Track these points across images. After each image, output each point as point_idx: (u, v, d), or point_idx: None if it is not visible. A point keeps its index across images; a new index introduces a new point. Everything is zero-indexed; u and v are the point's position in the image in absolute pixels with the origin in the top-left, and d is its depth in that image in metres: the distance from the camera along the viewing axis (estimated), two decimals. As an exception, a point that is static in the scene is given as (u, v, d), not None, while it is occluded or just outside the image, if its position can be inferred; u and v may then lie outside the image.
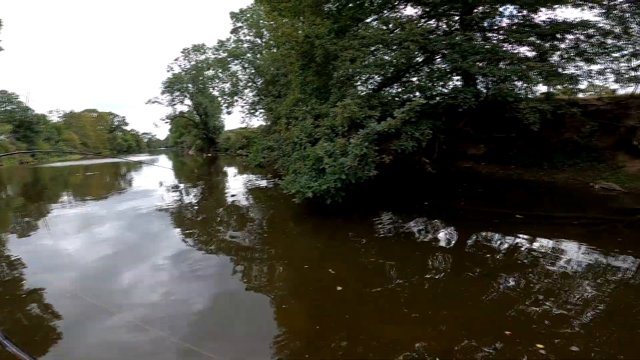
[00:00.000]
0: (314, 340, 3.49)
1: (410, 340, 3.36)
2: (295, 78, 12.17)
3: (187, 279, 5.02)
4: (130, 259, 5.80)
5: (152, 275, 5.12)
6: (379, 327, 3.62)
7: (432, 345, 3.29)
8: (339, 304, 4.15)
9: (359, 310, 3.95)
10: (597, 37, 10.42)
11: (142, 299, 4.38)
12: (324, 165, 6.84)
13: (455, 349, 3.21)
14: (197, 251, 6.14)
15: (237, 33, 31.46)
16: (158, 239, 6.91)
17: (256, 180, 15.56)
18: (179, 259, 5.72)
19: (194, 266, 5.42)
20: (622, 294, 4.26)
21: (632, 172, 10.28)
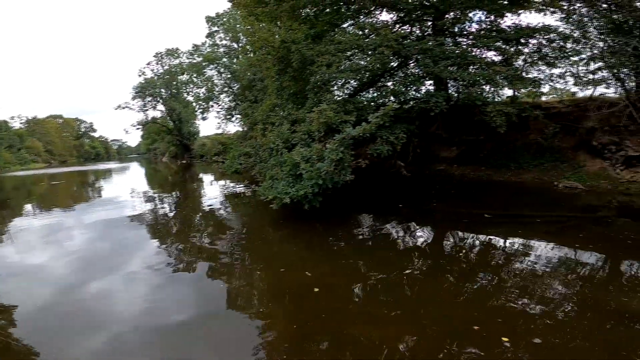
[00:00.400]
0: (299, 343, 3.49)
1: (392, 340, 3.42)
2: (272, 83, 12.14)
3: (164, 288, 4.88)
4: (101, 271, 5.58)
5: (126, 286, 4.95)
6: (362, 328, 3.66)
7: (413, 344, 3.36)
8: (321, 307, 4.17)
9: (342, 313, 3.99)
10: (558, 41, 11.05)
11: (117, 309, 4.23)
12: (300, 170, 6.86)
13: (436, 348, 3.30)
14: (174, 260, 5.98)
15: (213, 37, 31.05)
16: (131, 250, 6.68)
17: (233, 186, 15.35)
18: (154, 269, 5.55)
19: (171, 276, 5.28)
20: (587, 288, 4.53)
21: (592, 171, 10.94)
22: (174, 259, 6.04)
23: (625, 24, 10.06)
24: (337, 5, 12.05)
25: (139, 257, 6.13)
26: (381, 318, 3.83)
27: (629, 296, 4.11)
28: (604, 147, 10.76)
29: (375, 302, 4.27)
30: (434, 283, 4.72)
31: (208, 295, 4.70)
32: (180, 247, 6.72)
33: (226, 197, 12.90)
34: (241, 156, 11.19)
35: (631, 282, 4.60)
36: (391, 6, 12.12)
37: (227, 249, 6.48)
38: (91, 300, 4.54)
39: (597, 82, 11.19)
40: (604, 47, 10.64)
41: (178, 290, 4.81)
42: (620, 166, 10.37)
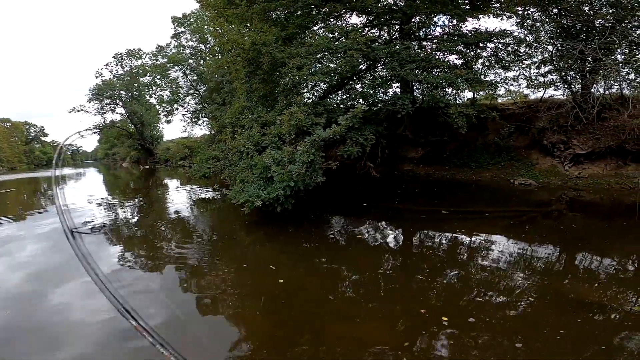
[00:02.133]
0: (277, 344, 3.49)
1: (369, 336, 3.51)
2: (241, 85, 11.97)
3: (128, 298, 4.66)
4: (58, 282, 5.23)
5: (86, 299, 4.67)
6: (339, 326, 3.72)
7: (388, 338, 3.47)
8: (297, 308, 4.19)
9: (318, 313, 4.03)
10: (513, 45, 11.86)
11: (76, 323, 3.99)
12: (272, 173, 6.83)
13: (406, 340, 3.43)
14: (138, 269, 5.73)
15: (179, 38, 30.07)
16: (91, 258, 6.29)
17: (202, 191, 14.92)
18: (116, 279, 5.29)
19: (135, 285, 5.05)
20: (543, 279, 4.88)
21: (544, 168, 11.82)
22: (138, 268, 5.79)
23: (573, 29, 10.97)
24: (308, 8, 12.15)
25: (99, 266, 5.81)
26: (356, 316, 3.92)
27: (583, 285, 4.50)
28: (553, 145, 11.66)
29: (349, 301, 4.36)
30: (401, 279, 4.93)
31: (179, 302, 4.53)
32: (145, 255, 6.44)
33: (194, 202, 12.51)
34: (209, 160, 10.92)
35: (585, 272, 5.03)
36: (361, 10, 12.43)
37: (197, 255, 6.29)
38: (48, 315, 4.25)
39: (547, 84, 12.14)
40: (553, 51, 11.55)
41: (144, 299, 4.61)
42: (568, 163, 11.29)
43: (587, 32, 10.67)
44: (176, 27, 30.08)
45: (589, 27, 10.66)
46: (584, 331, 3.50)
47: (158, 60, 32.79)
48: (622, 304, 4.00)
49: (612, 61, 10.17)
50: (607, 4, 10.29)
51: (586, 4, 10.51)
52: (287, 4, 11.65)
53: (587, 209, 9.08)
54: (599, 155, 10.94)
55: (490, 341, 3.36)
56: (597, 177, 10.76)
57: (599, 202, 9.52)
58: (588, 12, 10.52)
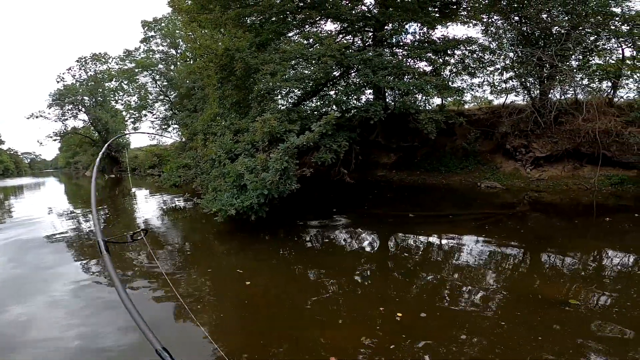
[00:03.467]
0: (256, 352, 3.42)
1: (350, 341, 3.51)
2: (213, 92, 11.76)
3: (96, 311, 4.42)
4: (17, 298, 4.86)
5: (49, 313, 4.38)
6: (319, 333, 3.70)
7: (366, 342, 3.49)
8: (275, 315, 4.14)
9: (296, 319, 4.00)
10: (478, 52, 12.44)
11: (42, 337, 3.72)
12: (245, 181, 6.73)
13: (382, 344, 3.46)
14: (105, 283, 5.44)
15: (149, 42, 29.12)
16: (53, 273, 5.92)
17: (172, 201, 14.44)
18: (81, 292, 5.00)
19: (103, 297, 4.80)
20: (508, 279, 5.10)
21: (508, 171, 12.43)
22: (106, 281, 5.50)
23: (532, 36, 11.64)
24: (283, 14, 12.18)
25: (62, 280, 5.47)
26: (334, 321, 3.93)
27: (547, 284, 4.73)
28: (515, 149, 12.29)
29: (326, 306, 4.35)
30: (387, 283, 5.00)
31: (152, 315, 4.35)
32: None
33: (165, 212, 12.08)
34: (180, 168, 10.60)
35: (551, 271, 5.30)
36: (335, 17, 12.63)
37: (169, 265, 6.07)
38: (8, 330, 3.94)
39: (509, 90, 12.83)
40: (514, 58, 12.21)
41: (113, 313, 4.38)
42: (530, 166, 11.93)
43: (545, 39, 11.32)
44: (146, 32, 29.17)
45: (546, 34, 11.32)
46: (537, 325, 3.68)
47: (125, 65, 31.55)
48: (584, 300, 4.25)
49: (567, 67, 10.90)
50: (563, 12, 10.96)
51: (544, 12, 11.15)
52: (262, 9, 11.63)
53: (548, 209, 9.63)
54: (557, 158, 11.66)
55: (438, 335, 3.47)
56: (556, 179, 11.44)
57: (559, 202, 10.12)
58: (546, 19, 11.18)
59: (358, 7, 13.16)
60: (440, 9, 13.41)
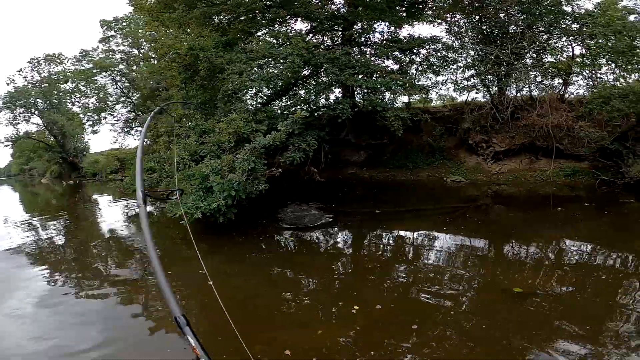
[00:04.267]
0: (233, 354, 3.33)
1: (328, 340, 3.53)
2: (177, 92, 11.41)
3: (64, 324, 4.17)
4: None
5: (12, 327, 4.09)
6: (295, 333, 3.70)
7: (340, 340, 3.52)
8: (250, 317, 4.08)
9: (271, 320, 3.97)
10: (442, 51, 12.84)
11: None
12: (211, 183, 6.57)
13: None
14: (72, 293, 5.11)
15: (108, 42, 27.59)
16: (13, 285, 5.51)
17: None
18: (46, 305, 4.69)
19: (71, 309, 4.53)
20: (475, 269, 5.31)
21: (470, 166, 12.96)
22: (73, 291, 5.17)
23: (491, 35, 12.17)
24: (252, 13, 11.98)
25: (23, 293, 5.10)
26: (309, 321, 3.96)
27: (513, 274, 4.95)
28: (477, 145, 12.85)
29: (302, 306, 4.35)
30: (360, 280, 5.09)
31: (122, 325, 4.16)
32: (78, 278, 5.77)
33: (129, 218, 11.56)
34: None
35: (515, 261, 5.55)
36: (305, 16, 12.60)
37: (138, 273, 5.82)
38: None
39: (470, 87, 13.33)
40: (474, 56, 12.72)
41: (82, 325, 4.14)
42: (490, 160, 12.51)
43: (503, 38, 11.87)
44: (105, 31, 27.65)
45: (504, 33, 11.87)
46: (499, 312, 3.87)
47: (82, 65, 29.75)
48: (544, 288, 4.50)
49: (522, 65, 11.50)
50: (519, 11, 11.53)
51: (502, 11, 11.69)
52: (230, 9, 11.38)
53: (509, 201, 10.15)
54: (515, 152, 12.31)
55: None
56: (515, 172, 12.08)
57: (518, 194, 10.69)
58: (503, 18, 11.74)
59: (328, 5, 13.23)
60: (407, 9, 13.76)
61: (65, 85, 33.57)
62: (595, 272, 4.90)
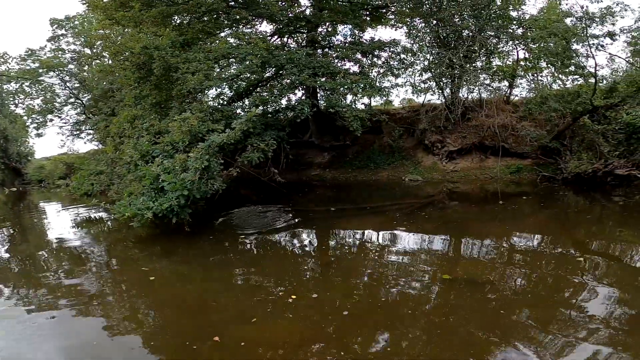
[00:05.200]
0: (189, 353, 3.31)
1: (296, 336, 3.57)
2: (130, 92, 10.94)
3: (11, 337, 3.83)
4: None
5: None
6: (246, 330, 3.67)
7: (296, 337, 3.55)
8: (214, 321, 3.99)
9: (236, 323, 3.91)
10: (401, 54, 13.26)
11: None
12: (162, 183, 6.36)
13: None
14: (20, 306, 4.71)
15: (58, 41, 25.74)
16: None
17: (87, 212, 13.02)
18: None
19: (21, 324, 4.17)
20: (436, 263, 5.53)
21: (427, 165, 13.51)
22: (22, 305, 4.75)
23: (447, 39, 12.76)
24: (215, 13, 11.75)
25: None
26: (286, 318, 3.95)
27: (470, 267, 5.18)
28: (432, 144, 13.43)
29: (258, 304, 4.32)
30: (324, 277, 5.17)
31: (77, 336, 3.90)
32: (26, 291, 5.30)
33: (79, 225, 10.86)
34: (92, 175, 9.62)
35: (471, 254, 5.81)
36: (269, 17, 12.54)
37: (91, 281, 5.48)
38: None
39: (426, 90, 13.91)
40: (431, 59, 13.28)
41: (33, 337, 3.84)
42: (445, 160, 13.12)
43: (456, 42, 12.46)
44: (55, 30, 25.82)
45: (457, 37, 12.46)
46: (453, 303, 4.08)
47: (28, 65, 27.59)
48: (499, 279, 4.74)
49: (473, 68, 12.17)
50: (472, 16, 12.14)
51: (457, 15, 12.29)
52: (190, 8, 11.10)
53: (462, 198, 10.69)
54: (467, 151, 13.01)
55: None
56: (467, 170, 12.75)
57: (471, 191, 11.29)
58: (458, 22, 12.36)
59: (293, 7, 13.28)
60: (370, 13, 14.13)
61: (8, 85, 30.96)
62: (542, 259, 5.28)
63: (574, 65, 10.76)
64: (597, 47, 10.31)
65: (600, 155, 10.29)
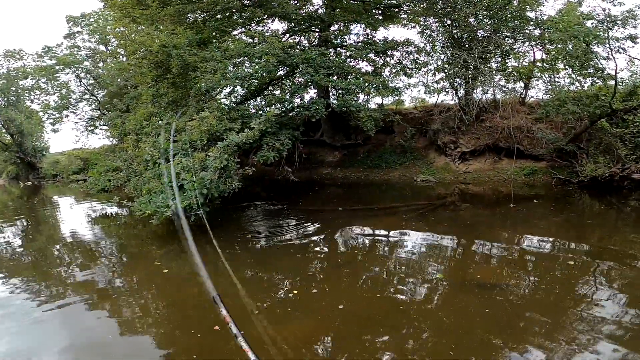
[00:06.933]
0: (207, 352, 3.38)
1: (309, 337, 3.62)
2: (147, 90, 11.09)
3: (33, 329, 3.97)
4: None
5: None
6: (276, 331, 3.70)
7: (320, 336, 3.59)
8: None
9: (248, 318, 3.95)
10: (414, 54, 13.18)
11: None
12: (181, 181, 6.46)
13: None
14: (32, 299, 4.84)
15: (74, 38, 26.12)
16: None
17: (102, 208, 13.26)
18: (4, 311, 4.43)
19: (40, 317, 4.30)
20: (444, 265, 5.54)
21: (439, 165, 13.45)
22: (34, 297, 4.90)
23: (461, 39, 12.63)
24: (229, 11, 11.81)
25: None
26: (286, 317, 4.01)
27: (480, 269, 5.20)
28: (445, 145, 13.36)
29: (278, 304, 4.39)
30: (339, 277, 5.18)
31: (87, 330, 4.02)
32: (40, 284, 5.46)
33: (94, 220, 11.08)
34: (109, 172, 9.78)
35: (481, 257, 5.82)
36: (282, 16, 12.57)
37: (105, 276, 5.61)
38: None
39: (440, 90, 13.79)
40: (444, 59, 13.17)
41: (43, 331, 3.96)
42: (457, 161, 13.05)
43: (471, 42, 12.31)
44: (71, 27, 26.21)
45: (472, 37, 12.29)
46: (469, 307, 4.09)
47: (44, 61, 28.03)
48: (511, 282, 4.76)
49: (488, 69, 12.04)
50: (487, 16, 11.95)
51: (472, 16, 12.11)
52: (206, 6, 11.19)
53: (474, 199, 10.63)
54: (480, 152, 12.91)
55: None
56: (480, 171, 12.66)
57: (483, 193, 11.22)
58: (472, 23, 12.21)
59: (306, 6, 13.28)
60: (383, 12, 14.06)
61: (24, 81, 31.52)
62: (554, 263, 5.26)
63: (593, 67, 10.56)
64: (618, 49, 10.11)
65: (618, 159, 10.12)
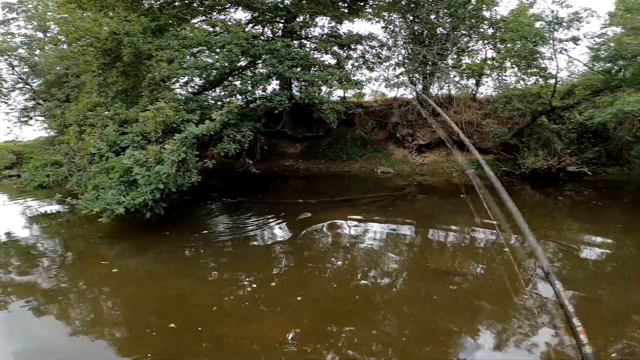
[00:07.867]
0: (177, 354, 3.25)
1: (275, 333, 3.58)
2: (93, 79, 10.15)
3: None
4: None
5: None
6: (236, 328, 3.66)
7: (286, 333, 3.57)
8: (190, 316, 3.91)
9: (212, 318, 3.86)
10: (377, 48, 13.35)
11: None
12: (134, 176, 6.02)
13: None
14: None
15: (8, 25, 23.42)
16: None
17: (41, 205, 12.04)
18: None
19: None
20: (405, 253, 5.75)
21: (398, 157, 13.91)
22: None
23: (422, 35, 13.02)
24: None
25: None
26: (254, 317, 3.92)
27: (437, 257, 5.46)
28: (403, 138, 13.84)
29: (243, 302, 4.28)
30: (301, 271, 5.19)
31: (33, 335, 3.71)
32: None
33: (32, 219, 10.04)
34: (48, 166, 8.85)
35: (438, 246, 6.12)
36: (246, 5, 12.04)
37: (49, 279, 5.12)
38: None
39: (399, 84, 14.18)
40: (405, 55, 13.53)
41: None
42: (414, 153, 13.59)
43: (430, 39, 12.75)
44: (6, 14, 23.41)
45: (432, 34, 12.75)
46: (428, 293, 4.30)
47: (-28, 50, 24.66)
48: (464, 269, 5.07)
49: (444, 65, 12.57)
50: (447, 14, 12.36)
51: (433, 13, 12.45)
52: None
53: (431, 190, 11.15)
54: (435, 145, 13.55)
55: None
56: (435, 163, 13.30)
57: (438, 184, 11.81)
58: (434, 20, 12.60)
59: (272, -5, 12.84)
60: (349, 5, 13.99)
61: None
62: (497, 249, 5.68)
63: (537, 67, 11.42)
64: (560, 50, 11.00)
65: (555, 152, 11.14)
